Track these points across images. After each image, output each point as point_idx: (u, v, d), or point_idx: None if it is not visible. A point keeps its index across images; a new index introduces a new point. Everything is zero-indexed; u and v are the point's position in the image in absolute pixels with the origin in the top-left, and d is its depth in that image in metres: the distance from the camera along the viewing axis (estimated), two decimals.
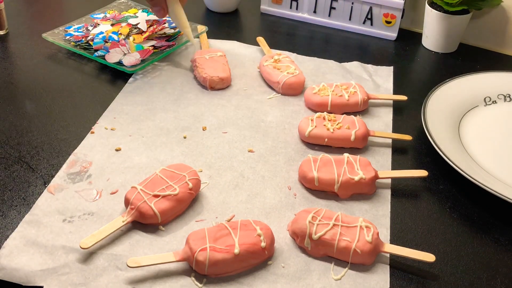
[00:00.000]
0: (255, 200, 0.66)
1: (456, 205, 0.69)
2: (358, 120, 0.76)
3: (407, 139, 0.77)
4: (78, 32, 0.94)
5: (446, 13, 0.97)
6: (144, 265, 0.55)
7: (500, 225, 0.67)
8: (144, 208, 0.60)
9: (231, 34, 1.03)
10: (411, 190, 0.71)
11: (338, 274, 0.58)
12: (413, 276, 0.59)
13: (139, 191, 0.61)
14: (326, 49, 1.02)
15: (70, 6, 1.11)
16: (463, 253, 0.63)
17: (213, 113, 0.80)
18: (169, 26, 0.97)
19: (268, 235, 0.58)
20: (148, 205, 0.60)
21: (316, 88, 0.83)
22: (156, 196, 0.61)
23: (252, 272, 0.57)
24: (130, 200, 0.61)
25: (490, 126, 0.83)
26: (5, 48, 0.93)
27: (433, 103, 0.81)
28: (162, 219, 0.60)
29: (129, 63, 0.87)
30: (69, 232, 0.59)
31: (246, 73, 0.90)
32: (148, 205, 0.60)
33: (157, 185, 0.62)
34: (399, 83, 0.92)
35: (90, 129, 0.75)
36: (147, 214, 0.60)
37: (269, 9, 1.11)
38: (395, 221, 0.66)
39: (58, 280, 0.54)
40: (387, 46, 1.04)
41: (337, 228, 0.59)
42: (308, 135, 0.74)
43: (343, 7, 1.06)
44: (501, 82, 0.89)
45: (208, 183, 0.68)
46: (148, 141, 0.74)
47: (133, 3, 1.05)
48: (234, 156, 0.73)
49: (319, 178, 0.67)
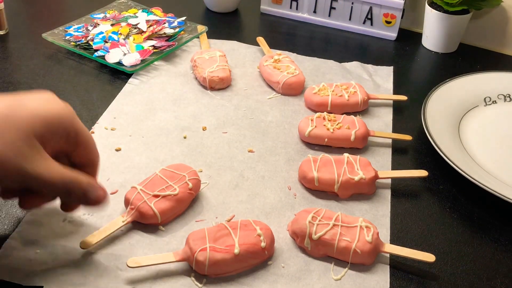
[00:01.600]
0: (255, 200, 0.66)
1: (456, 205, 0.69)
2: (358, 120, 0.76)
3: (407, 139, 0.77)
4: (78, 32, 0.94)
5: (446, 13, 0.97)
6: (144, 265, 0.55)
7: (500, 225, 0.67)
8: (144, 208, 0.60)
9: (231, 34, 1.03)
10: (411, 190, 0.71)
11: (338, 274, 0.58)
12: (413, 276, 0.59)
13: (139, 191, 0.61)
14: (326, 49, 1.02)
15: (70, 6, 1.11)
16: (463, 253, 0.63)
17: (213, 113, 0.80)
18: (169, 26, 0.97)
19: (268, 235, 0.58)
20: (148, 205, 0.60)
21: (316, 88, 0.83)
22: (156, 196, 0.61)
23: (252, 272, 0.57)
24: (130, 200, 0.61)
25: (490, 126, 0.83)
26: (5, 48, 0.92)
27: (433, 103, 0.81)
28: (162, 219, 0.60)
29: (129, 63, 0.87)
30: (69, 232, 0.59)
31: (246, 73, 0.90)
32: (148, 205, 0.60)
33: (157, 185, 0.62)
34: (399, 83, 0.92)
35: (90, 129, 0.75)
36: (147, 214, 0.60)
37: (269, 9, 1.11)
38: (395, 221, 0.66)
39: (58, 280, 0.54)
40: (387, 46, 1.04)
41: (337, 228, 0.59)
42: (308, 135, 0.74)
43: (343, 7, 1.06)
44: (501, 82, 0.89)
45: (208, 183, 0.68)
46: (148, 141, 0.74)
47: (133, 3, 1.05)
48: (234, 156, 0.73)
49: (319, 178, 0.67)
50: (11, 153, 0.47)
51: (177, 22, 0.98)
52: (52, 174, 0.49)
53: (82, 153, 0.54)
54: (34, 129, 0.48)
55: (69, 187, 0.51)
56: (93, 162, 0.56)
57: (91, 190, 0.53)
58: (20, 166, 0.47)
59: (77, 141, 0.53)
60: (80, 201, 0.53)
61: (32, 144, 0.48)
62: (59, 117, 0.51)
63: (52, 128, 0.50)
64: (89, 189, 0.52)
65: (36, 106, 0.49)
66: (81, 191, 0.52)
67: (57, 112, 0.51)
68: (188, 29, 0.98)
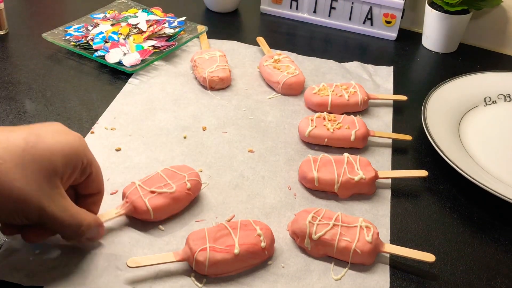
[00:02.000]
0: (255, 200, 0.66)
1: (456, 205, 0.69)
2: (358, 120, 0.76)
3: (407, 139, 0.77)
4: (78, 32, 0.94)
5: (446, 13, 0.97)
6: (144, 265, 0.55)
7: (500, 225, 0.67)
8: (138, 203, 0.60)
9: (231, 34, 1.03)
10: (411, 190, 0.71)
11: (338, 274, 0.58)
12: (413, 276, 0.59)
13: (136, 186, 0.62)
14: (326, 49, 1.02)
15: (70, 6, 1.11)
16: (463, 253, 0.63)
17: (213, 113, 0.80)
18: (169, 26, 0.97)
19: (268, 235, 0.58)
20: (142, 200, 0.60)
21: (316, 88, 0.83)
22: (152, 192, 0.61)
23: (252, 272, 0.57)
24: (126, 194, 0.61)
25: (490, 126, 0.83)
26: (5, 48, 0.92)
27: (433, 103, 0.81)
28: (155, 215, 0.60)
29: (129, 63, 0.87)
30: None
31: (246, 73, 0.90)
32: (142, 200, 0.60)
33: (155, 182, 0.62)
34: (399, 83, 0.92)
35: (90, 129, 0.75)
36: (140, 209, 0.60)
37: (269, 9, 1.11)
38: (395, 221, 0.66)
39: (58, 280, 0.54)
40: (387, 46, 1.04)
41: (337, 228, 0.59)
42: (308, 135, 0.74)
43: (343, 7, 1.06)
44: (501, 82, 0.89)
45: (208, 183, 0.68)
46: (148, 141, 0.74)
47: (133, 3, 1.05)
48: (234, 156, 0.73)
49: (319, 178, 0.67)
50: (34, 192, 0.46)
51: (177, 22, 0.98)
52: (67, 216, 0.50)
53: (92, 183, 0.55)
54: (55, 166, 0.48)
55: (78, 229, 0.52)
56: (100, 190, 0.57)
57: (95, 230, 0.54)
58: (41, 205, 0.47)
59: (90, 171, 0.53)
60: (78, 239, 0.54)
61: (53, 183, 0.48)
62: (75, 150, 0.50)
63: (71, 163, 0.50)
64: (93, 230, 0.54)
65: (52, 140, 0.49)
66: (84, 233, 0.53)
67: (72, 145, 0.50)
68: (188, 29, 0.98)
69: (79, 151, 0.51)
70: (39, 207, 0.47)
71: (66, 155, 0.49)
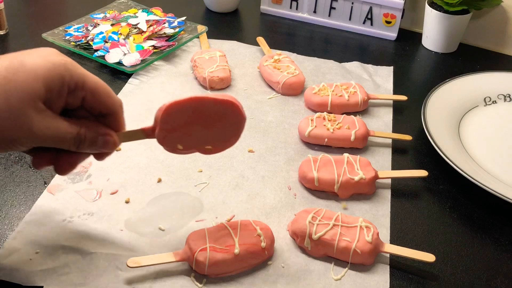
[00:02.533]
0: (255, 200, 0.66)
1: (456, 205, 0.69)
2: (358, 120, 0.76)
3: (407, 139, 0.77)
4: (78, 32, 0.94)
5: (446, 13, 0.97)
6: (144, 265, 0.55)
7: (500, 225, 0.67)
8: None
9: (231, 34, 1.03)
10: (411, 190, 0.71)
11: (338, 274, 0.58)
12: (413, 276, 0.59)
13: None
14: (326, 49, 1.02)
15: (70, 6, 1.11)
16: (463, 253, 0.63)
17: None
18: (169, 26, 0.97)
19: (268, 235, 0.58)
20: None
21: (316, 88, 0.83)
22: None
23: (252, 272, 0.57)
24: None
25: (490, 126, 0.83)
26: (5, 48, 0.92)
27: (433, 103, 0.81)
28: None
29: (129, 63, 0.87)
30: (69, 232, 0.59)
31: (246, 73, 0.90)
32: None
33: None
34: (399, 83, 0.92)
35: None
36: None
37: (269, 9, 1.12)
38: (395, 221, 0.66)
39: (58, 280, 0.54)
40: (387, 46, 1.04)
41: (337, 228, 0.59)
42: (308, 135, 0.74)
43: (343, 7, 1.06)
44: (501, 82, 0.89)
45: (208, 183, 0.68)
46: (148, 141, 0.74)
47: (133, 3, 1.05)
48: (234, 156, 0.73)
49: (319, 178, 0.67)
50: (18, 119, 0.46)
51: (177, 22, 0.98)
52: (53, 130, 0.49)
53: (96, 102, 0.53)
54: (38, 91, 0.47)
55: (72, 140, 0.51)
56: (112, 109, 0.54)
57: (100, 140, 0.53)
58: (30, 130, 0.47)
59: (87, 90, 0.51)
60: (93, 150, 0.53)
61: (38, 107, 0.48)
62: (57, 73, 0.49)
63: (53, 86, 0.49)
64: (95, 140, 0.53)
65: (34, 65, 0.48)
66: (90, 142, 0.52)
67: (54, 68, 0.49)
68: (188, 29, 0.98)
69: (61, 73, 0.50)
70: (27, 131, 0.47)
71: (47, 78, 0.48)
